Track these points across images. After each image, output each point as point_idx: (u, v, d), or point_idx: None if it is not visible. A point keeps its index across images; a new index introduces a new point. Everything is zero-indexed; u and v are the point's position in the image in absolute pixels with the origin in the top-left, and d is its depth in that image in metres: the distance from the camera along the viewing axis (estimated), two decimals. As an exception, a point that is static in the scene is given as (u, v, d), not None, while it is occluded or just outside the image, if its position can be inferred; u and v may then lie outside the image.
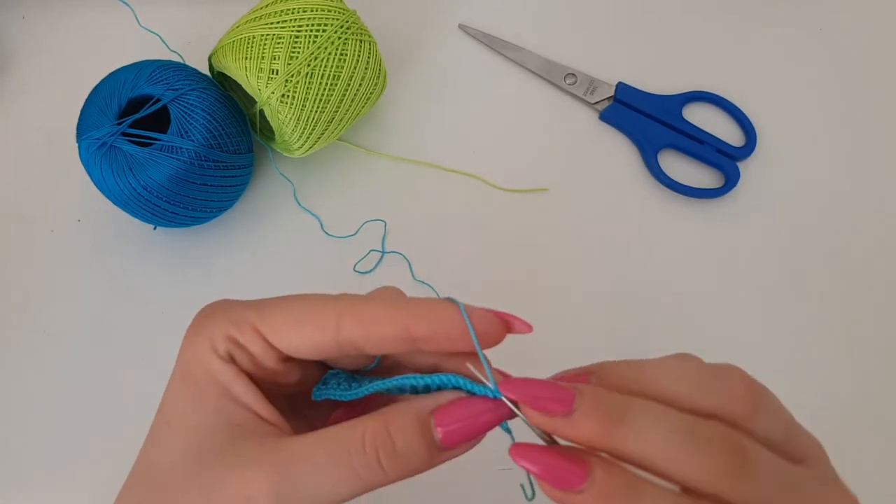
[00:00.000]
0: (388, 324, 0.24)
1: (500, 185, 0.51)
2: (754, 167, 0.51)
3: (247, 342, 0.25)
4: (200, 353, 0.25)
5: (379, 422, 0.23)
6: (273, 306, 0.25)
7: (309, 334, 0.24)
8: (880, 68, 0.54)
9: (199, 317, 0.26)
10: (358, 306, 0.24)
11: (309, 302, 0.25)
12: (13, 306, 0.48)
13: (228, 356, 0.25)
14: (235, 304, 0.26)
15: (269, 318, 0.25)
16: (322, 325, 0.24)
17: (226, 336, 0.25)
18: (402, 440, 0.23)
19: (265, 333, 0.24)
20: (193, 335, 0.25)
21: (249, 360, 0.25)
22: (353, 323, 0.24)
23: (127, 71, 0.44)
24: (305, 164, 0.51)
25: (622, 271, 0.49)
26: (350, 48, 0.44)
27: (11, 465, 0.45)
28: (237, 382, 0.25)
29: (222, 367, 0.24)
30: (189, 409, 0.24)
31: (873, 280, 0.49)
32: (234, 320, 0.25)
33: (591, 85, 0.53)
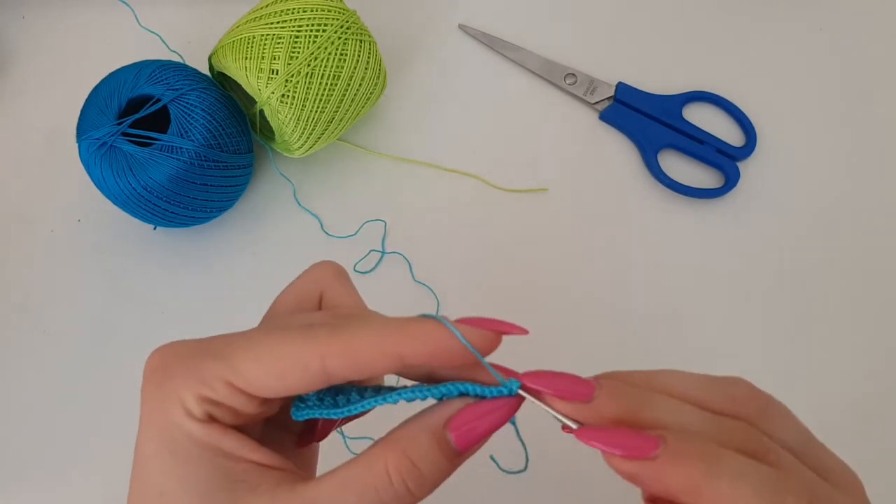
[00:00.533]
0: (378, 356, 0.22)
1: (500, 185, 0.51)
2: (754, 167, 0.51)
3: (223, 399, 0.23)
4: (175, 419, 0.23)
5: (399, 453, 0.22)
6: (243, 353, 0.23)
7: (293, 380, 0.22)
8: (880, 68, 0.54)
9: (156, 375, 0.24)
10: (342, 341, 0.22)
11: (286, 345, 0.23)
12: (13, 306, 0.48)
13: (207, 416, 0.23)
14: (196, 356, 0.23)
15: (242, 368, 0.22)
16: (304, 370, 0.22)
17: (197, 397, 0.22)
18: (426, 465, 0.22)
19: (241, 386, 0.23)
20: (158, 399, 0.23)
21: (230, 413, 0.23)
22: (340, 361, 0.22)
23: (127, 71, 0.44)
24: (305, 164, 0.51)
25: (622, 271, 0.49)
26: (350, 48, 0.44)
27: (11, 464, 0.45)
28: (226, 439, 0.23)
29: (205, 430, 0.23)
30: (182, 478, 0.23)
31: (874, 280, 0.49)
32: (202, 378, 0.23)
33: (591, 85, 0.53)
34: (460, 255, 0.49)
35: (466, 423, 0.23)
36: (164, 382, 0.23)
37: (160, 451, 0.23)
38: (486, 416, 0.23)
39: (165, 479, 0.23)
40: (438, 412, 0.23)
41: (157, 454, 0.23)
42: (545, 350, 0.47)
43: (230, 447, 0.23)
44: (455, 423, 0.23)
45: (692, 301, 0.49)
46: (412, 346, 0.22)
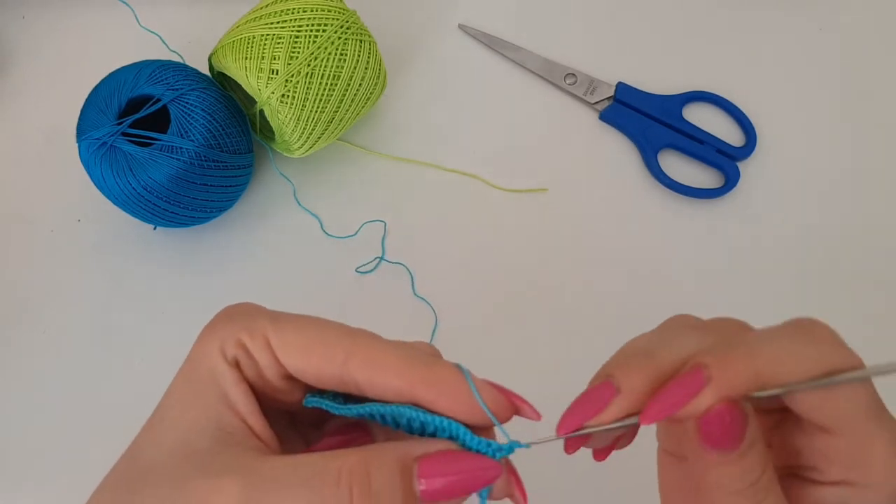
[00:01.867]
0: (394, 379, 0.23)
1: (500, 185, 0.51)
2: (754, 167, 0.51)
3: (255, 351, 0.24)
4: (208, 352, 0.24)
5: (360, 457, 0.22)
6: (291, 323, 0.24)
7: (314, 362, 0.24)
8: (880, 68, 0.54)
9: (218, 316, 0.26)
10: (370, 350, 0.23)
11: (323, 329, 0.24)
12: (13, 306, 0.48)
13: (235, 361, 0.24)
14: (256, 311, 0.25)
15: (283, 333, 0.24)
16: (329, 357, 0.23)
17: (237, 341, 0.24)
18: (378, 481, 0.21)
19: (275, 347, 0.24)
20: (207, 333, 0.25)
21: (254, 370, 0.25)
22: (360, 365, 0.23)
23: (127, 71, 0.44)
24: (305, 164, 0.51)
25: (622, 271, 0.49)
26: (350, 48, 0.44)
27: (12, 464, 0.45)
28: (236, 389, 0.24)
29: (225, 370, 0.24)
30: (185, 407, 0.24)
31: (874, 279, 0.49)
32: (249, 327, 0.24)
33: (591, 85, 0.53)
34: (460, 255, 0.49)
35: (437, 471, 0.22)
36: (221, 321, 0.25)
37: (184, 376, 0.25)
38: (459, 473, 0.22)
39: (172, 404, 0.24)
40: (417, 444, 0.22)
41: (181, 379, 0.25)
42: (545, 349, 0.47)
43: (236, 398, 0.24)
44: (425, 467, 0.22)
45: (692, 301, 0.49)
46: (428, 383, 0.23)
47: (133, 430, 0.28)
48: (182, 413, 0.24)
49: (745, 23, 0.55)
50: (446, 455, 0.22)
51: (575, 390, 0.25)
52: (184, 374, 0.25)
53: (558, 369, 0.45)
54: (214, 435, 0.23)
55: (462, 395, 0.23)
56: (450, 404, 0.23)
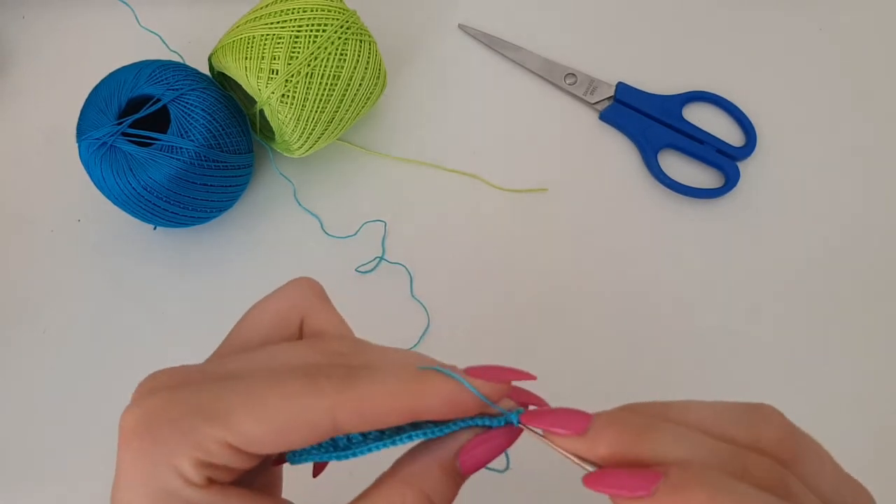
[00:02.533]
0: (391, 414, 0.22)
1: (499, 185, 0.51)
2: (754, 167, 0.51)
3: (223, 461, 0.21)
4: (172, 488, 0.21)
5: (415, 489, 0.22)
6: (242, 410, 0.21)
7: (298, 439, 0.21)
8: (880, 67, 0.54)
9: (138, 440, 0.21)
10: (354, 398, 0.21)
11: (291, 400, 0.21)
12: (13, 306, 0.48)
13: (206, 480, 0.21)
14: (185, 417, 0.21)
15: (241, 428, 0.21)
16: (314, 426, 0.21)
17: (195, 462, 0.21)
18: (440, 499, 0.23)
19: (241, 447, 0.21)
20: (146, 467, 0.21)
21: (228, 472, 0.22)
22: (350, 417, 0.21)
23: (127, 71, 0.44)
24: (305, 164, 0.51)
25: (622, 271, 0.49)
26: (350, 48, 0.44)
27: (12, 464, 0.45)
28: (229, 499, 0.22)
29: (206, 495, 0.21)
30: None
31: (874, 280, 0.49)
32: (199, 443, 0.21)
33: (591, 85, 0.53)
34: (460, 255, 0.49)
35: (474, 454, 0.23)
36: (151, 449, 0.21)
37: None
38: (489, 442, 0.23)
39: None
40: (448, 445, 0.23)
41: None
42: (545, 349, 0.47)
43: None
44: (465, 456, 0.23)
45: (692, 300, 0.49)
46: (425, 402, 0.22)
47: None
48: None
49: (745, 23, 0.55)
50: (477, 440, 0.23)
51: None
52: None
53: (558, 370, 0.45)
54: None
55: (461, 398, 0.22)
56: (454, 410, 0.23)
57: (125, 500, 0.22)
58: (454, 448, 0.23)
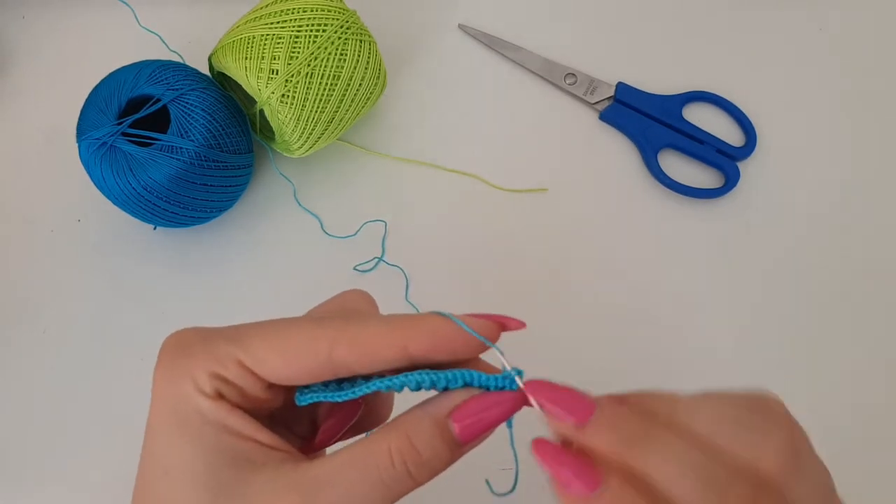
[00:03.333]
0: (384, 347, 0.23)
1: (500, 185, 0.51)
2: (754, 167, 0.51)
3: (233, 378, 0.24)
4: (185, 394, 0.24)
5: (402, 435, 0.23)
6: (257, 337, 0.24)
7: (301, 365, 0.23)
8: (880, 68, 0.54)
9: (171, 353, 0.25)
10: (350, 331, 0.23)
11: (297, 331, 0.24)
12: (13, 306, 0.48)
13: (216, 393, 0.24)
14: (211, 336, 0.24)
15: (254, 350, 0.24)
16: (314, 354, 0.23)
17: (209, 374, 0.24)
18: (427, 450, 0.23)
19: (252, 367, 0.24)
20: (171, 375, 0.24)
21: (238, 394, 0.24)
22: (347, 350, 0.23)
23: (127, 71, 0.44)
24: (305, 164, 0.51)
25: (622, 271, 0.49)
26: (350, 48, 0.44)
27: (11, 464, 0.45)
28: (232, 417, 0.24)
29: (213, 406, 0.23)
30: (188, 453, 0.23)
31: (874, 280, 0.49)
32: (216, 356, 0.24)
33: (591, 85, 0.53)
34: (460, 255, 0.49)
35: (470, 415, 0.23)
36: (179, 360, 0.24)
37: (168, 426, 0.24)
38: (489, 409, 0.23)
39: (171, 455, 0.23)
40: (442, 402, 0.24)
41: (165, 429, 0.24)
42: (545, 349, 0.47)
43: (236, 425, 0.24)
44: (458, 415, 0.23)
45: (692, 300, 0.49)
46: (418, 338, 0.23)
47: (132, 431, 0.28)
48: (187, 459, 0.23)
49: (746, 23, 0.55)
50: (472, 401, 0.23)
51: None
52: (168, 423, 0.24)
53: (558, 369, 0.45)
54: (235, 467, 0.23)
55: (452, 335, 0.23)
56: (445, 348, 0.23)
57: (150, 412, 0.24)
58: (448, 405, 0.23)
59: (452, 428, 0.23)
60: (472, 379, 0.24)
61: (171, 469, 0.23)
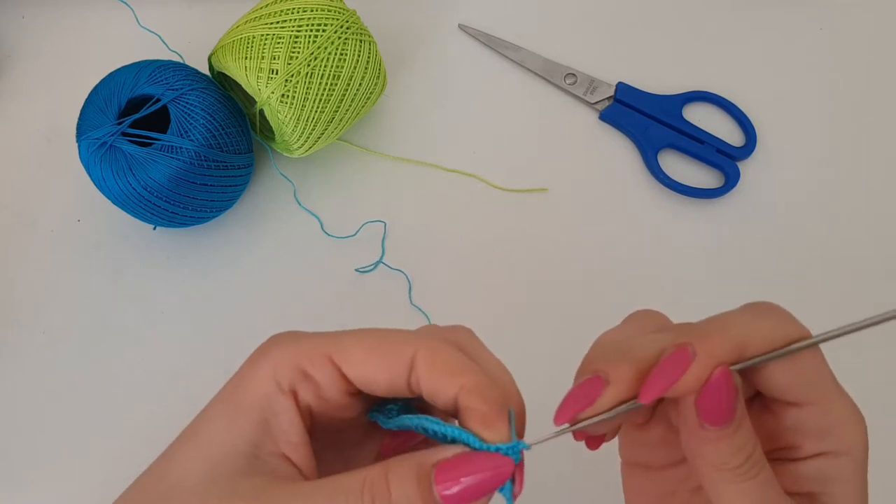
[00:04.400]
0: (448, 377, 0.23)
1: (500, 185, 0.51)
2: (754, 167, 0.51)
3: (317, 372, 0.24)
4: (258, 377, 0.24)
5: (380, 469, 0.23)
6: (348, 337, 0.25)
7: (384, 366, 0.24)
8: (880, 67, 0.54)
9: (267, 344, 0.25)
10: (434, 347, 0.24)
11: (388, 334, 0.25)
12: (13, 306, 0.48)
13: (290, 387, 0.24)
14: (310, 335, 0.25)
15: (344, 348, 0.24)
16: (398, 357, 0.24)
17: (294, 366, 0.24)
18: (397, 490, 0.22)
19: (339, 363, 0.24)
20: (256, 359, 0.25)
21: (314, 393, 0.24)
22: (423, 363, 0.24)
23: (127, 71, 0.44)
24: (305, 164, 0.51)
25: (622, 271, 0.49)
26: (350, 48, 0.44)
27: (11, 465, 0.45)
28: (284, 416, 0.24)
29: (276, 398, 0.24)
30: (220, 428, 0.24)
31: (875, 280, 0.49)
32: (307, 350, 0.24)
33: (591, 85, 0.53)
34: (460, 255, 0.49)
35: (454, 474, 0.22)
36: (268, 349, 0.25)
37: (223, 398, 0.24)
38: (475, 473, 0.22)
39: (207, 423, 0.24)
40: (433, 452, 0.23)
41: (218, 400, 0.24)
42: (545, 349, 0.47)
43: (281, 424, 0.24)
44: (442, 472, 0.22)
45: (692, 300, 0.49)
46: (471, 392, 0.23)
47: (131, 430, 0.28)
48: (217, 434, 0.24)
49: (746, 22, 0.55)
50: (460, 458, 0.22)
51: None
52: (225, 395, 0.25)
53: (558, 370, 0.45)
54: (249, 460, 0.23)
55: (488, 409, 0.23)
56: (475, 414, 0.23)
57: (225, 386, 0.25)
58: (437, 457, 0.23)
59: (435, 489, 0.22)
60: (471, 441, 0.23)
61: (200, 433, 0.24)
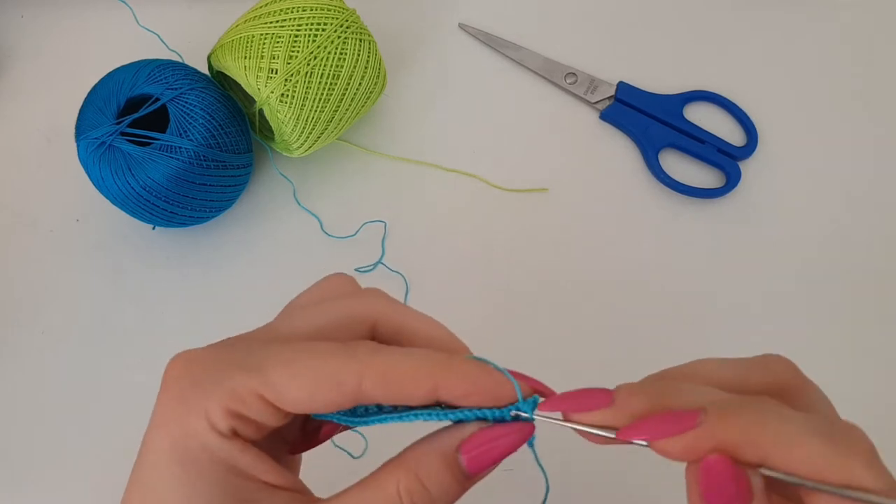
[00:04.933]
0: (415, 388, 0.22)
1: (500, 185, 0.51)
2: (755, 167, 0.51)
3: (252, 413, 0.22)
4: (196, 429, 0.22)
5: (409, 473, 0.22)
6: (279, 366, 0.22)
7: (325, 398, 0.22)
8: (881, 66, 0.54)
9: (181, 382, 0.23)
10: (380, 365, 0.22)
11: (322, 361, 0.22)
12: (13, 306, 0.48)
13: (231, 431, 0.22)
14: (226, 366, 0.23)
15: (275, 381, 0.22)
16: (341, 388, 0.22)
17: (225, 411, 0.22)
18: (435, 487, 0.22)
19: (273, 401, 0.22)
20: (178, 409, 0.22)
21: (254, 429, 0.23)
22: (376, 384, 0.22)
23: (126, 70, 0.44)
24: (305, 164, 0.51)
25: (623, 271, 0.49)
26: (350, 47, 0.44)
27: (11, 465, 0.45)
28: (244, 456, 0.23)
29: (226, 445, 0.22)
30: (189, 493, 0.22)
31: (876, 279, 0.49)
32: (235, 392, 0.22)
33: (592, 84, 0.52)
34: (460, 255, 0.49)
35: (478, 446, 0.22)
36: (188, 393, 0.22)
37: (171, 462, 0.22)
38: (499, 439, 0.23)
39: (170, 491, 0.22)
40: (451, 434, 0.23)
41: (166, 465, 0.22)
42: (546, 349, 0.47)
43: (246, 465, 0.23)
44: (467, 447, 0.23)
45: (693, 300, 0.49)
46: (452, 382, 0.22)
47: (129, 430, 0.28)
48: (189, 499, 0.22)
49: (747, 22, 0.55)
50: (482, 433, 0.23)
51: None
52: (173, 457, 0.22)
53: (559, 369, 0.45)
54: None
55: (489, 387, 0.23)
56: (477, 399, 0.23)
57: (149, 440, 0.23)
58: (457, 439, 0.23)
59: (461, 461, 0.22)
60: (486, 416, 0.23)
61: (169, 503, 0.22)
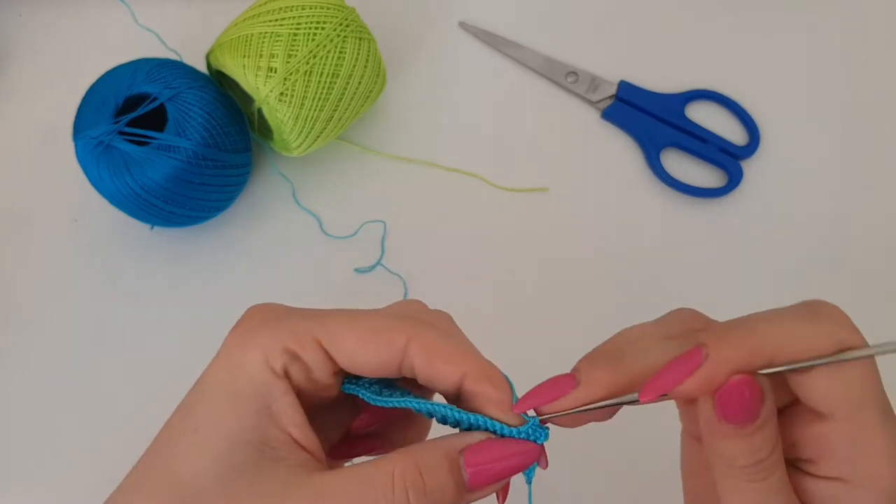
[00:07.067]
0: (449, 366, 0.24)
1: (500, 185, 0.50)
2: (757, 166, 0.51)
3: (307, 355, 0.24)
4: (251, 363, 0.24)
5: (409, 460, 0.23)
6: (337, 320, 0.24)
7: (376, 352, 0.24)
8: (882, 66, 0.54)
9: (251, 322, 0.25)
10: (427, 334, 0.24)
11: (377, 319, 0.24)
12: (11, 306, 0.48)
13: (283, 371, 0.24)
14: (292, 313, 0.25)
15: (333, 332, 0.24)
16: (391, 344, 0.24)
17: (285, 349, 0.24)
18: (431, 480, 0.23)
19: (328, 348, 0.24)
20: (244, 342, 0.24)
21: (304, 376, 0.24)
22: (419, 350, 0.24)
23: (124, 69, 0.43)
24: (305, 164, 0.51)
25: (624, 270, 0.49)
26: (349, 46, 0.44)
27: (10, 465, 0.45)
28: (284, 401, 0.24)
29: (274, 383, 0.24)
30: (224, 419, 0.23)
31: (876, 279, 0.49)
32: (296, 333, 0.24)
33: (593, 83, 0.52)
34: (460, 254, 0.49)
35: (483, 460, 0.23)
36: (253, 330, 0.24)
37: (216, 390, 0.24)
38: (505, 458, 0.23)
39: (207, 414, 0.23)
40: (458, 438, 0.24)
41: (215, 389, 0.24)
42: (546, 349, 0.47)
43: (283, 410, 0.24)
44: (471, 457, 0.23)
45: (694, 300, 0.48)
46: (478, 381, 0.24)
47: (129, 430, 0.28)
48: (220, 425, 0.23)
49: (748, 21, 0.55)
50: (488, 443, 0.23)
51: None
52: (220, 385, 0.24)
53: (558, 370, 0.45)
54: (258, 450, 0.23)
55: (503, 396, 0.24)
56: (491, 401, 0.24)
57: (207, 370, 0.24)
58: (463, 442, 0.23)
59: (464, 471, 0.23)
60: (497, 429, 0.24)
61: (202, 428, 0.23)
